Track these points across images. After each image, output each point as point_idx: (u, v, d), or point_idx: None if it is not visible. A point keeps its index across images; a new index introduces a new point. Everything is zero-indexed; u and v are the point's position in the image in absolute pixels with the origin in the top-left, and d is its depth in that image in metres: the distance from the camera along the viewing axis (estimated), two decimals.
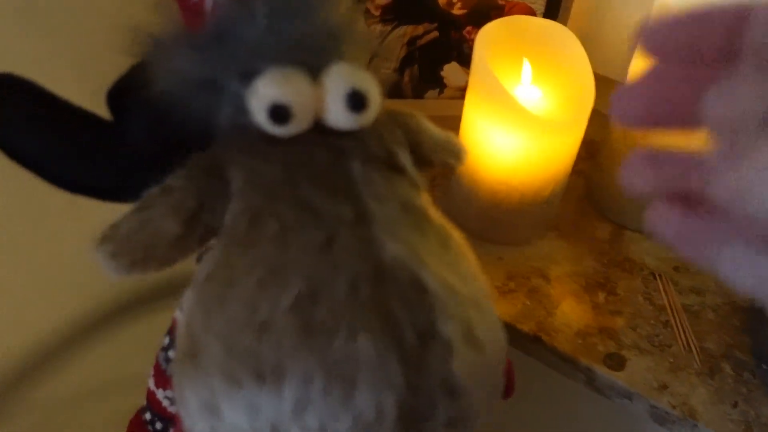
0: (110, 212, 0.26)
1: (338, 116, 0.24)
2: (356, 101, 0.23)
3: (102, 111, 0.24)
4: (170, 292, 0.64)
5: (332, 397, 0.21)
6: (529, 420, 0.80)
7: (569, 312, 0.49)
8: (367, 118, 0.24)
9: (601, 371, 0.45)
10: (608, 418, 0.74)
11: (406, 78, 0.61)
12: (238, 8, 0.23)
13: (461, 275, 0.24)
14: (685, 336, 0.47)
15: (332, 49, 0.24)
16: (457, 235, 0.26)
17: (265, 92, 0.23)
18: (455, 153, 0.30)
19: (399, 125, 0.27)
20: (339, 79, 0.23)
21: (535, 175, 0.48)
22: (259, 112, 0.23)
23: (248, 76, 0.23)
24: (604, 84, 0.47)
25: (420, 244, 0.24)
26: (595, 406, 0.71)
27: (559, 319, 0.48)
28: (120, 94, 0.25)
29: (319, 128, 0.24)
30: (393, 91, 0.62)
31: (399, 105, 0.63)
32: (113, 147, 0.25)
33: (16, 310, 0.61)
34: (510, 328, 0.48)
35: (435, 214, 0.26)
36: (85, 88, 0.24)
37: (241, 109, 0.23)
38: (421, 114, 0.29)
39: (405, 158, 0.26)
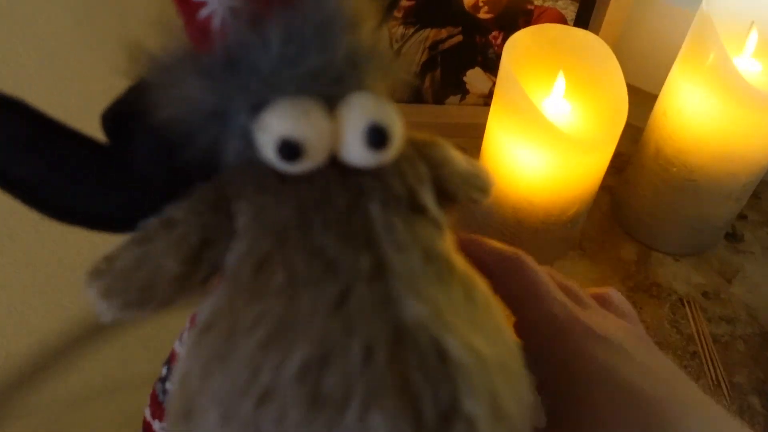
0: None
1: (356, 153, 0.21)
2: (377, 137, 0.21)
3: (91, 132, 0.22)
4: None
5: None
6: None
7: None
8: (388, 156, 0.22)
9: None
10: None
11: (427, 83, 0.59)
12: (251, 33, 0.20)
13: (487, 334, 0.22)
14: (714, 369, 0.45)
15: (352, 77, 0.21)
16: (481, 284, 0.24)
17: (274, 126, 0.20)
18: (483, 187, 0.27)
19: (422, 157, 0.25)
20: (358, 112, 0.21)
21: (560, 194, 0.46)
22: (267, 148, 0.20)
23: (259, 107, 0.21)
24: (634, 95, 0.44)
25: (443, 301, 0.21)
26: None
27: None
28: (117, 117, 0.22)
29: (335, 163, 0.22)
30: (413, 97, 0.60)
31: (419, 111, 0.61)
32: (111, 173, 0.23)
33: (20, 311, 0.60)
34: None
35: (459, 260, 0.24)
36: (74, 108, 0.22)
37: (251, 144, 0.21)
38: (446, 143, 0.27)
39: (428, 197, 0.24)
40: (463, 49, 0.57)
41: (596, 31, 0.53)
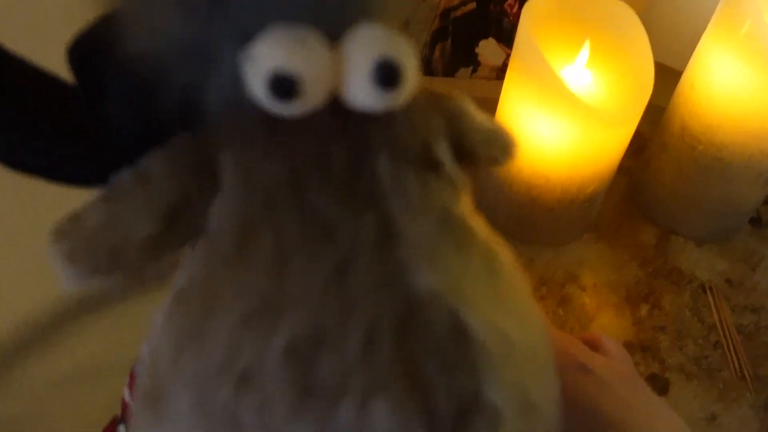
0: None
1: (362, 93, 0.18)
2: (387, 74, 0.18)
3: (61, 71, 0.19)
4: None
5: None
6: None
7: (607, 326, 0.43)
8: (400, 98, 0.19)
9: None
10: None
11: (437, 53, 0.56)
12: None
13: (513, 314, 0.19)
14: (738, 360, 0.42)
15: (359, 5, 0.18)
16: (505, 254, 0.21)
17: (265, 57, 0.17)
18: (504, 146, 0.24)
19: (438, 110, 0.22)
20: (366, 45, 0.18)
21: (578, 170, 0.43)
22: (256, 84, 0.17)
23: (248, 38, 0.18)
24: (659, 72, 0.41)
25: (462, 274, 0.18)
26: None
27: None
28: (86, 51, 0.19)
29: (337, 110, 0.19)
30: (421, 69, 0.57)
31: (428, 84, 0.58)
32: (78, 118, 0.20)
33: (5, 291, 0.58)
34: None
35: (478, 226, 0.21)
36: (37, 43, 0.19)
37: (237, 82, 0.18)
38: (465, 97, 0.24)
39: (444, 153, 0.21)
40: (476, 17, 0.54)
41: None
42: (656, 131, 0.50)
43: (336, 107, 0.18)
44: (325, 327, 0.16)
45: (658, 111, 0.49)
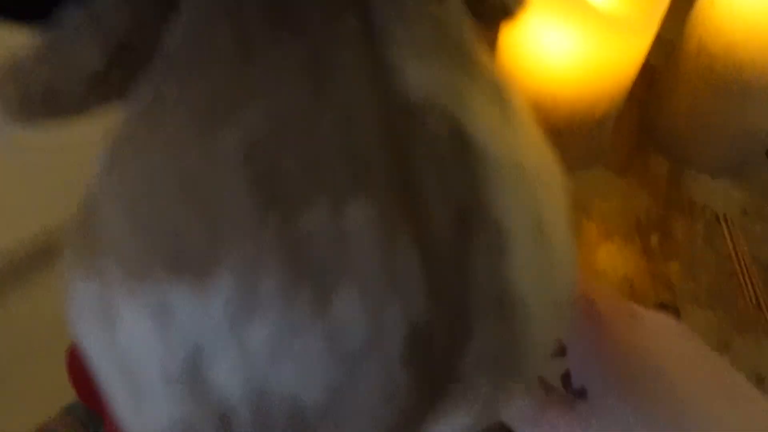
0: None
1: None
2: None
3: None
4: None
5: (295, 301, 0.13)
6: None
7: (615, 253, 0.41)
8: None
9: None
10: None
11: None
12: None
13: (524, 138, 0.16)
14: (754, 290, 0.40)
15: None
16: (516, 92, 0.18)
17: None
18: None
19: None
20: None
21: (589, 86, 0.40)
22: None
23: None
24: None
25: (464, 85, 0.16)
26: None
27: (603, 261, 0.40)
28: None
29: None
30: None
31: None
32: None
33: None
34: None
35: (487, 61, 0.18)
36: None
37: None
38: None
39: None
40: None
41: None
42: (670, 60, 0.47)
43: None
44: (292, 119, 0.13)
45: (671, 46, 0.46)
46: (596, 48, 0.38)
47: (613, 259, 0.41)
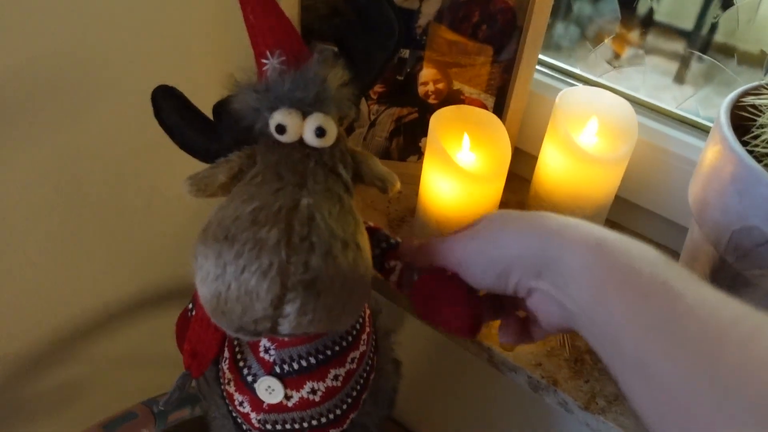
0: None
1: (310, 138, 0.46)
2: (320, 132, 0.45)
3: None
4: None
5: (250, 254, 0.38)
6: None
7: None
8: (326, 142, 0.45)
9: (498, 351, 0.64)
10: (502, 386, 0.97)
11: (394, 145, 0.84)
12: (277, 77, 0.45)
13: (344, 230, 0.42)
14: (563, 336, 0.66)
15: (318, 105, 0.45)
16: (361, 224, 0.44)
17: (276, 118, 0.44)
18: (383, 182, 0.50)
19: (352, 154, 0.49)
20: (314, 121, 0.45)
21: (467, 212, 0.69)
22: (272, 126, 0.45)
23: (273, 109, 0.45)
24: (522, 155, 0.68)
25: (325, 207, 0.42)
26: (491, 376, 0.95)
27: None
28: (218, 107, 0.47)
29: (301, 142, 0.46)
30: (383, 154, 0.85)
31: (387, 165, 0.86)
32: (212, 132, 0.47)
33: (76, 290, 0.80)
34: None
35: (351, 203, 0.45)
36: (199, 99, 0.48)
37: (266, 125, 0.46)
38: (374, 157, 0.50)
39: (344, 170, 0.47)
40: (418, 123, 0.82)
41: (505, 115, 0.79)
42: (517, 196, 0.77)
43: (301, 142, 0.46)
44: (266, 205, 0.40)
45: (523, 182, 0.76)
46: (468, 190, 0.67)
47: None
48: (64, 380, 0.80)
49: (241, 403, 0.54)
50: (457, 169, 0.66)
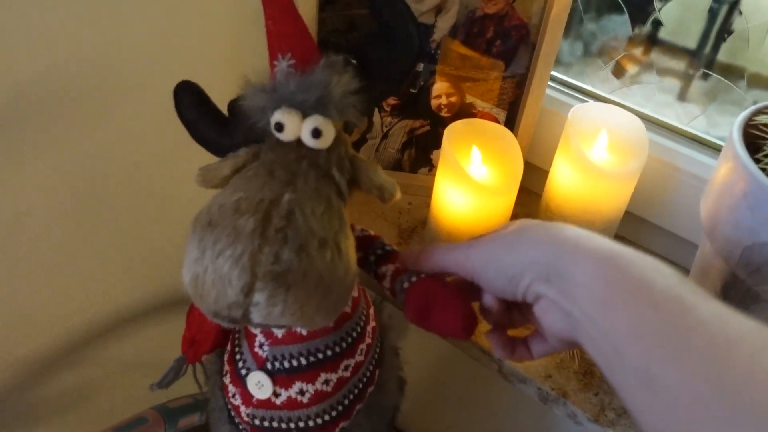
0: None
1: (306, 138, 0.46)
2: (316, 133, 0.46)
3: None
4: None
5: (226, 240, 0.40)
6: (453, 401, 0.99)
7: None
8: (322, 144, 0.46)
9: (508, 362, 0.65)
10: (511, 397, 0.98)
11: (405, 157, 0.85)
12: (284, 79, 0.45)
13: (325, 230, 0.43)
14: (572, 350, 0.67)
15: (318, 108, 0.45)
16: (347, 228, 0.45)
17: (276, 116, 0.45)
18: (380, 191, 0.49)
19: (350, 160, 0.50)
20: (312, 122, 0.45)
21: (479, 225, 0.70)
22: (273, 124, 0.45)
23: (276, 108, 0.45)
24: (533, 169, 0.69)
25: (308, 206, 0.43)
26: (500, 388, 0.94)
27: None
28: (232, 105, 0.48)
29: (299, 143, 0.46)
30: (395, 166, 0.86)
31: (399, 177, 0.87)
32: (225, 128, 0.48)
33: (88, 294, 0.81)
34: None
35: (341, 207, 0.46)
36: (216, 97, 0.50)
37: (269, 123, 0.46)
38: (376, 165, 0.51)
39: (339, 174, 0.47)
40: (430, 135, 0.83)
41: (517, 130, 0.80)
42: (528, 209, 0.77)
43: (299, 142, 0.46)
44: (251, 196, 0.42)
45: (533, 196, 0.76)
46: (481, 203, 0.68)
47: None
48: (76, 384, 0.81)
49: (233, 395, 0.55)
50: (470, 182, 0.67)
